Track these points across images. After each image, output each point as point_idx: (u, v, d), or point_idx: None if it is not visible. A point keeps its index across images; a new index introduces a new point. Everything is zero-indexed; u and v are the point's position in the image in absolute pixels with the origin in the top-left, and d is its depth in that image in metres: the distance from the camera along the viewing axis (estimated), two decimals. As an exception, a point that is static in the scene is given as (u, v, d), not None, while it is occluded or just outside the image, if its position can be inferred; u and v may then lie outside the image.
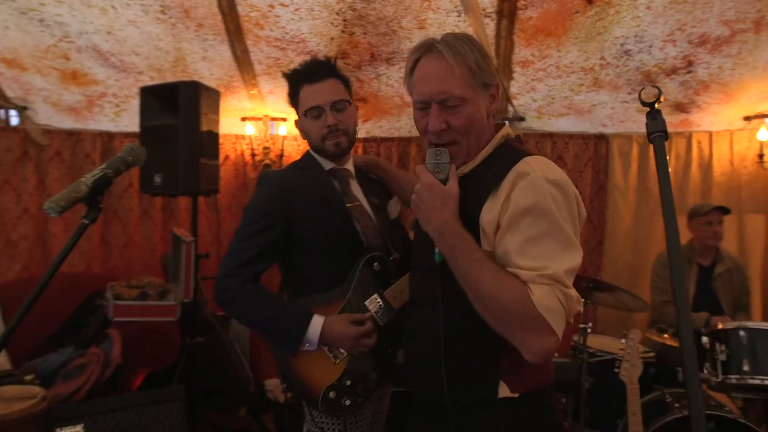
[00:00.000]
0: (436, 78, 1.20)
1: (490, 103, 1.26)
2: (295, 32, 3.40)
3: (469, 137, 1.23)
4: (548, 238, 1.11)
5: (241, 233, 1.64)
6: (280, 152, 4.38)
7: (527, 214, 1.11)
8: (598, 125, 4.13)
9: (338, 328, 1.56)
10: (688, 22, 3.13)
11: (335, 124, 1.64)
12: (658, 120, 0.97)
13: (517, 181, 1.14)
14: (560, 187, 1.14)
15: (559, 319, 1.08)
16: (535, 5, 3.10)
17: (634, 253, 4.18)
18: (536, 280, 1.08)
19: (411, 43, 3.47)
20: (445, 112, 1.20)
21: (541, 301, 1.07)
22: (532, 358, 1.10)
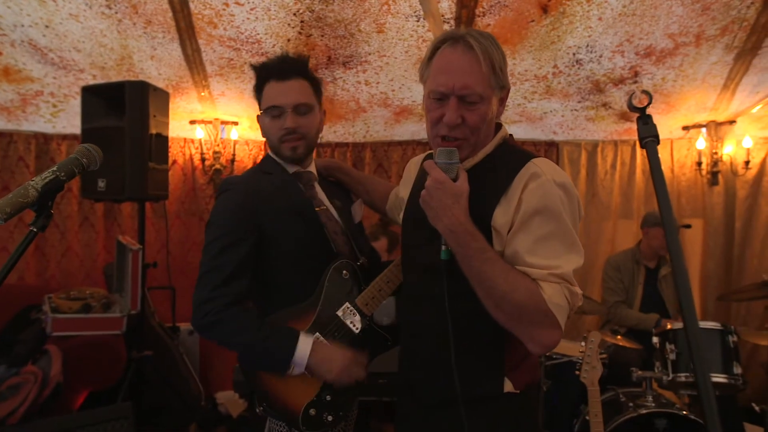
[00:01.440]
0: (461, 71, 1.18)
1: (499, 106, 1.28)
2: (250, 32, 3.30)
3: (477, 135, 1.23)
4: (556, 239, 1.15)
5: (213, 249, 1.50)
6: (231, 157, 4.24)
7: (537, 215, 1.15)
8: (549, 132, 4.24)
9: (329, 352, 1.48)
10: (636, 34, 3.25)
11: (293, 128, 1.55)
12: (650, 125, 0.97)
13: (529, 183, 1.17)
14: (567, 189, 1.19)
15: (564, 315, 1.14)
16: (493, 13, 3.14)
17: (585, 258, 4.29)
18: (547, 278, 1.13)
19: (369, 47, 3.44)
20: (462, 107, 1.19)
21: (552, 298, 1.12)
22: (538, 351, 1.16)
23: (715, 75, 3.56)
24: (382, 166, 4.37)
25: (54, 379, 2.63)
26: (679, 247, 0.84)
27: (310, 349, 1.46)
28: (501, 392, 1.24)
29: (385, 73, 3.63)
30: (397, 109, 4.02)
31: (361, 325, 1.58)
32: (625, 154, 4.30)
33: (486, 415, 1.25)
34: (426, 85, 1.26)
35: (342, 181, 1.80)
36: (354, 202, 1.78)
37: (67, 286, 3.77)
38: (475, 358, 1.24)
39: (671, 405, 2.77)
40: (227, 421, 3.81)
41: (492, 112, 1.24)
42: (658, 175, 0.91)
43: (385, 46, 3.40)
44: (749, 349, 3.94)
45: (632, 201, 4.25)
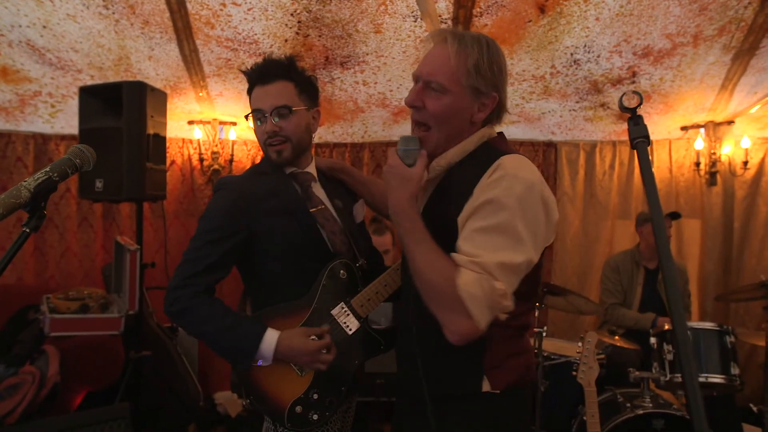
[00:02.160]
0: (431, 61, 1.25)
1: (478, 110, 1.26)
2: (248, 33, 3.30)
3: (441, 128, 1.25)
4: (497, 232, 1.14)
5: (197, 242, 1.54)
6: (229, 157, 4.24)
7: (486, 204, 1.16)
8: (547, 133, 4.24)
9: (295, 343, 1.48)
10: (634, 35, 3.25)
11: (274, 131, 1.56)
12: (641, 126, 0.97)
13: (491, 175, 1.18)
14: (530, 187, 1.16)
15: (480, 308, 1.10)
16: (490, 13, 3.14)
17: (582, 258, 4.30)
18: (467, 265, 1.12)
19: (366, 47, 3.44)
20: (425, 92, 1.25)
21: (465, 285, 1.10)
22: (451, 339, 1.14)
23: (713, 75, 3.56)
24: (381, 167, 4.36)
25: (51, 379, 2.63)
26: (667, 248, 0.84)
27: (276, 341, 1.47)
28: (478, 391, 1.23)
29: (383, 73, 3.63)
30: (396, 109, 4.02)
31: (354, 326, 1.58)
32: (624, 154, 4.29)
33: (462, 413, 1.25)
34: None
35: (344, 181, 1.80)
36: (356, 202, 1.78)
37: (66, 286, 3.78)
38: (453, 355, 1.22)
39: (669, 405, 2.77)
40: (226, 422, 3.81)
41: (461, 111, 1.25)
42: (649, 175, 0.91)
43: (383, 46, 3.40)
44: (747, 349, 3.93)
45: (630, 201, 4.24)
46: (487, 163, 1.20)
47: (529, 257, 1.15)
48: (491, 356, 1.24)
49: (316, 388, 1.52)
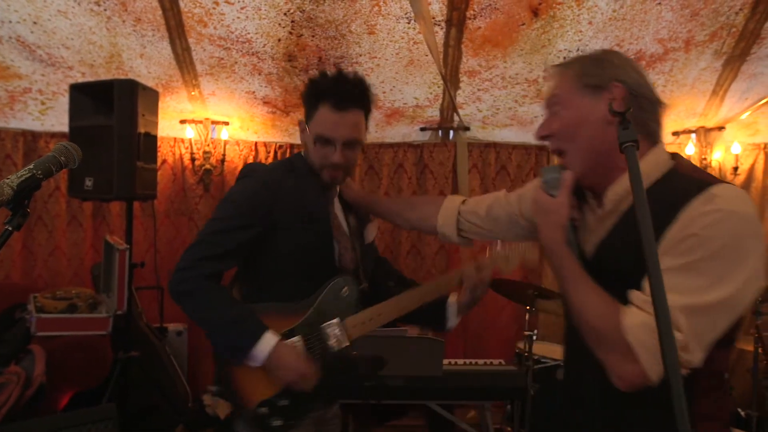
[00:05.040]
0: (547, 91, 1.24)
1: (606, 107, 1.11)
2: (241, 31, 3.29)
3: (575, 144, 1.15)
4: (690, 271, 0.98)
5: (216, 226, 1.52)
6: (221, 157, 4.21)
7: (688, 239, 1.00)
8: (539, 136, 4.24)
9: (288, 359, 1.46)
10: (626, 39, 3.27)
11: (341, 164, 1.53)
12: (630, 130, 0.96)
13: (696, 206, 1.01)
14: (745, 222, 1.00)
15: (650, 355, 0.97)
16: (484, 15, 3.14)
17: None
18: (642, 305, 1.00)
19: (360, 48, 3.43)
20: (550, 119, 1.20)
21: (632, 327, 0.99)
22: (619, 385, 1.02)
23: (705, 81, 3.58)
24: (373, 168, 4.36)
25: (37, 380, 2.60)
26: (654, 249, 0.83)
27: (272, 347, 1.45)
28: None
29: (376, 74, 3.63)
30: (389, 111, 4.02)
31: (340, 345, 1.54)
32: (616, 158, 4.31)
33: None
34: None
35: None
36: (369, 222, 1.76)
37: (54, 285, 3.74)
38: (652, 404, 1.04)
39: None
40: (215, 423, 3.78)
41: (585, 113, 1.14)
42: (637, 179, 0.90)
43: (376, 47, 3.40)
44: (736, 354, 3.95)
45: (622, 205, 4.26)
46: (691, 193, 1.03)
47: (735, 307, 0.99)
48: (701, 405, 1.06)
49: (288, 396, 1.49)
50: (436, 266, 4.29)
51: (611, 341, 1.01)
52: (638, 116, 1.12)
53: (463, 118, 4.10)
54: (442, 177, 4.28)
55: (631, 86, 1.14)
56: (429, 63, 3.47)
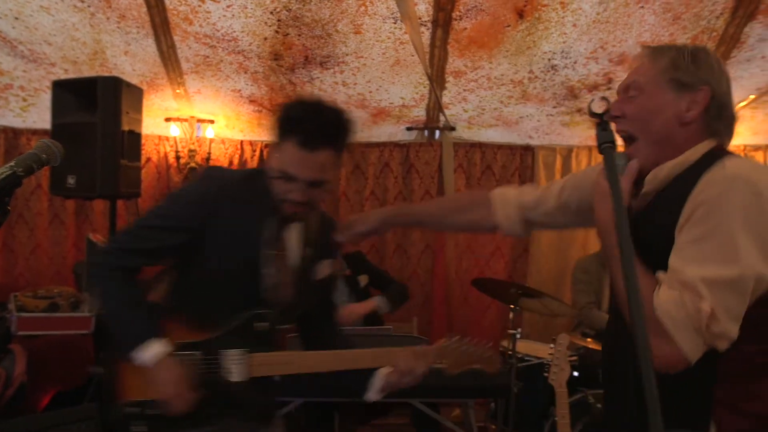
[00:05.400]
0: (629, 72, 1.21)
1: (687, 108, 1.12)
2: (227, 30, 3.28)
3: (646, 133, 1.15)
4: (707, 240, 1.00)
5: (149, 220, 1.49)
6: (206, 155, 4.19)
7: (700, 207, 1.02)
8: (524, 137, 4.28)
9: (168, 374, 1.37)
10: (609, 41, 3.31)
11: (302, 202, 1.41)
12: (608, 131, 0.99)
13: (707, 178, 1.05)
14: (753, 188, 1.01)
15: (683, 331, 0.98)
16: (470, 16, 3.17)
17: (557, 261, 4.35)
18: (666, 281, 1.02)
19: (346, 48, 3.44)
20: (624, 101, 1.18)
21: (663, 305, 1.00)
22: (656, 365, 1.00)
23: (686, 83, 3.64)
24: (359, 168, 4.36)
25: (18, 379, 2.58)
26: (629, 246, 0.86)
27: (154, 356, 1.37)
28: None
29: (363, 74, 3.64)
30: (375, 110, 4.03)
31: (237, 378, 1.44)
32: (598, 159, 4.33)
33: None
34: None
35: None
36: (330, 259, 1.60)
37: (36, 284, 3.69)
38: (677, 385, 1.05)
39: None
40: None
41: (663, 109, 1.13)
42: (614, 179, 0.93)
43: (363, 47, 3.41)
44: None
45: (605, 205, 4.31)
46: (706, 166, 1.07)
47: (753, 271, 0.99)
48: (723, 391, 1.07)
49: (161, 406, 1.39)
50: (422, 265, 4.31)
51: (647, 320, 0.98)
52: (712, 125, 1.14)
53: (449, 118, 4.13)
54: (427, 176, 4.30)
55: (718, 94, 1.13)
56: (415, 63, 3.48)
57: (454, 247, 4.31)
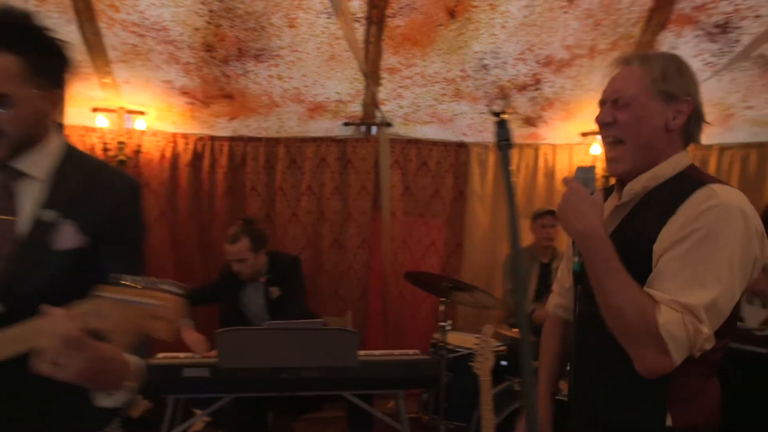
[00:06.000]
0: (616, 80, 1.26)
1: (673, 117, 1.22)
2: (156, 18, 3.18)
3: (636, 140, 1.22)
4: (701, 265, 1.09)
5: None
6: (136, 148, 4.06)
7: (694, 235, 1.11)
8: (459, 134, 4.39)
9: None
10: (537, 44, 3.45)
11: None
12: (506, 129, 1.05)
13: (698, 202, 1.13)
14: (746, 219, 1.11)
15: (680, 348, 1.08)
16: (403, 14, 3.22)
17: (490, 255, 4.49)
18: (669, 304, 1.09)
19: (281, 41, 3.42)
20: (614, 108, 1.23)
21: (667, 325, 1.08)
22: (643, 373, 1.13)
23: (608, 86, 3.83)
24: (296, 162, 4.35)
25: None
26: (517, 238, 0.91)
27: None
28: (660, 427, 1.17)
29: (298, 68, 3.63)
30: (311, 105, 4.02)
31: None
32: (529, 157, 4.53)
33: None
34: None
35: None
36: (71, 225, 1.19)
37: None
38: (638, 383, 1.17)
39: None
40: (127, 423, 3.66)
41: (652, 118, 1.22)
42: (507, 176, 0.98)
43: (297, 41, 3.40)
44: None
45: (534, 201, 4.48)
46: (689, 190, 1.16)
47: (736, 295, 1.12)
48: (678, 390, 1.17)
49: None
50: (358, 260, 4.35)
51: (646, 336, 1.09)
52: (691, 131, 1.25)
53: (385, 114, 4.18)
54: (364, 172, 4.34)
55: (698, 104, 1.24)
56: (350, 58, 3.51)
57: (390, 241, 4.37)
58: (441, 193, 4.45)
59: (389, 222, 4.36)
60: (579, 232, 1.19)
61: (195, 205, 4.27)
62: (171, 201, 4.22)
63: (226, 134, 4.25)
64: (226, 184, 4.29)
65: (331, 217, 4.34)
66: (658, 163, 1.23)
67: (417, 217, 4.45)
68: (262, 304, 3.22)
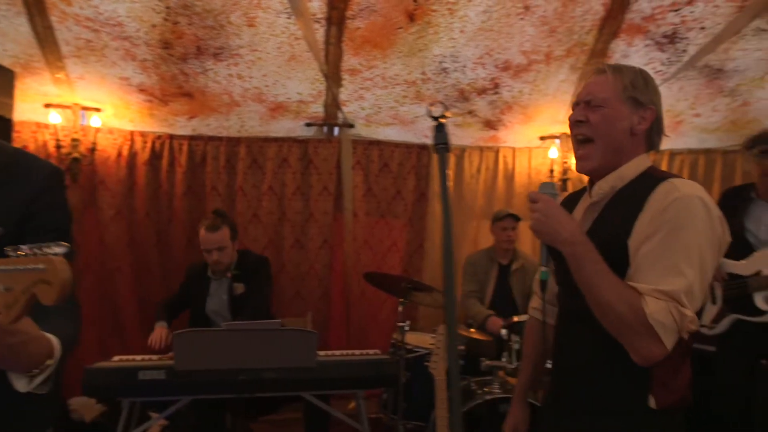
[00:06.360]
0: (591, 85, 1.37)
1: (638, 122, 1.34)
2: (111, 14, 3.12)
3: (603, 139, 1.33)
4: (676, 255, 1.19)
5: None
6: (91, 146, 3.97)
7: (663, 227, 1.20)
8: (420, 136, 4.43)
9: None
10: (495, 49, 3.51)
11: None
12: (443, 133, 1.08)
13: (662, 196, 1.23)
14: (706, 207, 1.21)
15: (669, 334, 1.17)
16: (363, 16, 3.23)
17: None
18: (653, 294, 1.17)
19: (240, 40, 3.39)
20: (587, 109, 1.35)
21: (654, 314, 1.16)
22: (639, 361, 1.21)
23: (564, 92, 3.93)
24: (257, 162, 4.31)
25: None
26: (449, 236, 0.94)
27: None
28: (644, 408, 1.27)
29: (258, 67, 3.60)
30: (272, 105, 4.00)
31: None
32: (489, 159, 4.60)
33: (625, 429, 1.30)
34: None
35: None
36: None
37: None
38: (620, 370, 1.27)
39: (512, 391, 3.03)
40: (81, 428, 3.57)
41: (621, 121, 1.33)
42: (443, 178, 1.01)
43: (257, 40, 3.38)
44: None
45: (494, 203, 4.56)
46: (652, 186, 1.27)
47: (709, 276, 1.22)
48: (660, 373, 1.26)
49: None
50: (320, 260, 4.35)
51: (638, 328, 1.17)
52: (652, 137, 1.38)
53: (346, 116, 4.19)
54: (326, 173, 4.34)
55: (659, 113, 1.37)
56: (311, 59, 3.50)
57: (352, 241, 4.38)
58: (403, 194, 4.49)
59: (351, 222, 4.37)
60: (565, 240, 1.26)
61: (153, 205, 4.19)
62: (128, 200, 4.14)
63: (185, 133, 4.19)
64: (185, 183, 4.23)
65: (293, 217, 4.33)
66: (622, 164, 1.35)
67: (379, 218, 4.47)
68: (226, 301, 3.21)
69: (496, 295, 3.89)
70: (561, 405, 1.45)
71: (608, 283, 1.21)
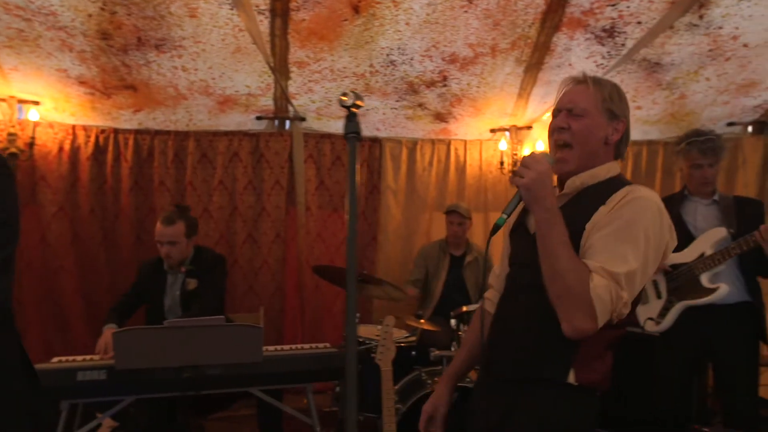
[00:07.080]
0: (573, 94, 1.50)
1: (612, 133, 1.48)
2: (42, 2, 3.00)
3: (581, 146, 1.46)
4: (625, 243, 1.32)
5: None
6: (29, 140, 3.83)
7: (620, 218, 1.34)
8: (372, 129, 4.43)
9: None
10: (441, 41, 3.53)
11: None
12: (354, 122, 1.09)
13: (625, 195, 1.39)
14: (660, 212, 1.37)
15: (604, 310, 1.28)
16: (307, 8, 3.20)
17: (403, 248, 4.57)
18: (598, 271, 1.29)
19: (182, 31, 3.31)
20: (569, 117, 1.47)
21: (596, 289, 1.27)
22: (569, 332, 1.30)
23: (511, 84, 3.99)
24: (207, 157, 4.24)
25: None
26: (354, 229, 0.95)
27: None
28: (562, 381, 1.36)
29: (203, 59, 3.53)
30: (220, 98, 3.94)
31: None
32: (441, 152, 4.64)
33: (539, 398, 1.39)
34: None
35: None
36: None
37: None
38: (549, 342, 1.37)
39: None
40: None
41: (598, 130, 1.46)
42: (352, 168, 1.02)
43: (200, 31, 3.31)
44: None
45: (446, 195, 4.60)
46: (617, 188, 1.42)
47: (650, 272, 1.35)
48: (584, 351, 1.36)
49: None
50: (273, 254, 4.31)
51: (579, 298, 1.28)
52: (620, 147, 1.52)
53: (297, 109, 4.15)
54: (278, 166, 4.30)
55: (628, 126, 1.52)
56: (257, 51, 3.45)
57: (305, 235, 4.36)
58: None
59: (304, 216, 4.35)
60: (549, 207, 1.35)
61: (98, 201, 4.08)
62: (71, 196, 4.02)
63: (131, 127, 4.09)
64: (132, 178, 4.13)
65: (245, 212, 4.28)
66: (592, 166, 1.49)
67: (332, 212, 4.46)
68: (178, 296, 3.15)
69: (448, 285, 3.94)
70: (490, 375, 1.54)
71: (568, 255, 1.31)
